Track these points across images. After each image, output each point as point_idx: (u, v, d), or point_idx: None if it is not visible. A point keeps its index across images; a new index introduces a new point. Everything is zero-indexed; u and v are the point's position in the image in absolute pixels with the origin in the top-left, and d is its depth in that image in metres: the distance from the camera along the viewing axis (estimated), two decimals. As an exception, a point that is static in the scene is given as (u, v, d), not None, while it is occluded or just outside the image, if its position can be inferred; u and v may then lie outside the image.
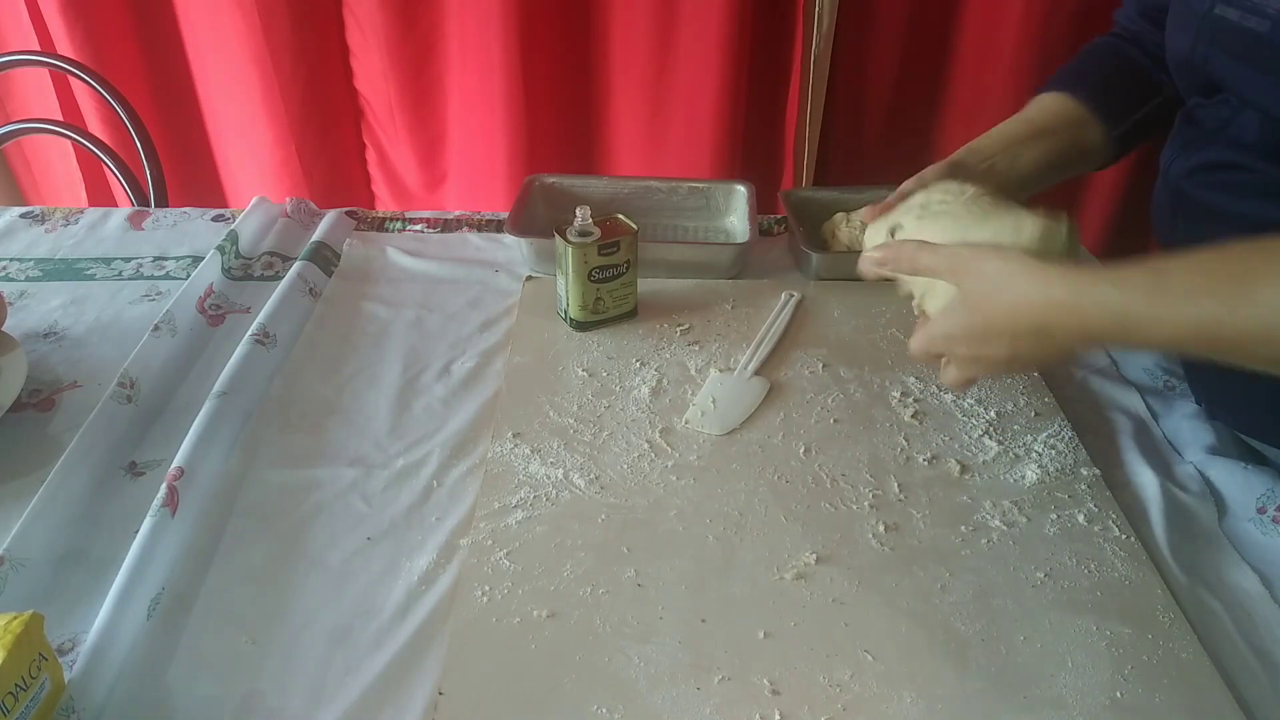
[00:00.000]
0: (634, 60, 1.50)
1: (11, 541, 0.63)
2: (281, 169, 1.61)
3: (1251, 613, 0.63)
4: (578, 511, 0.69)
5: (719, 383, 0.83)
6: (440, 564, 0.66)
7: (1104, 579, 0.64)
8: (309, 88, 1.55)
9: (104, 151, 1.29)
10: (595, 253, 0.85)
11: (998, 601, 0.63)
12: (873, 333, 0.90)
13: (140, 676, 0.58)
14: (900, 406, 0.81)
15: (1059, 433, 0.77)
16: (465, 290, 0.98)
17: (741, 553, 0.66)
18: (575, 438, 0.76)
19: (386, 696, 0.57)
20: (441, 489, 0.72)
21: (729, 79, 1.48)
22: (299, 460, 0.75)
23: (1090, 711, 0.56)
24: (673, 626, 0.60)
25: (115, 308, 0.94)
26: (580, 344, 0.88)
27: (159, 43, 1.53)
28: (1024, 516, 0.69)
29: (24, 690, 0.51)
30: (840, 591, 0.63)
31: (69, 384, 0.83)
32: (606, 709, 0.55)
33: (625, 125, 1.58)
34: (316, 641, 0.60)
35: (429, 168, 1.65)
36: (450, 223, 1.11)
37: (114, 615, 0.58)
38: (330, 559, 0.66)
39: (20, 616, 0.51)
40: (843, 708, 0.55)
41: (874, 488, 0.72)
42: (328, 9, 1.51)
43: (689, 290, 0.96)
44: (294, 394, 0.82)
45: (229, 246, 1.01)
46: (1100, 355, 0.89)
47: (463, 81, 1.53)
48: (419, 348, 0.89)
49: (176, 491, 0.67)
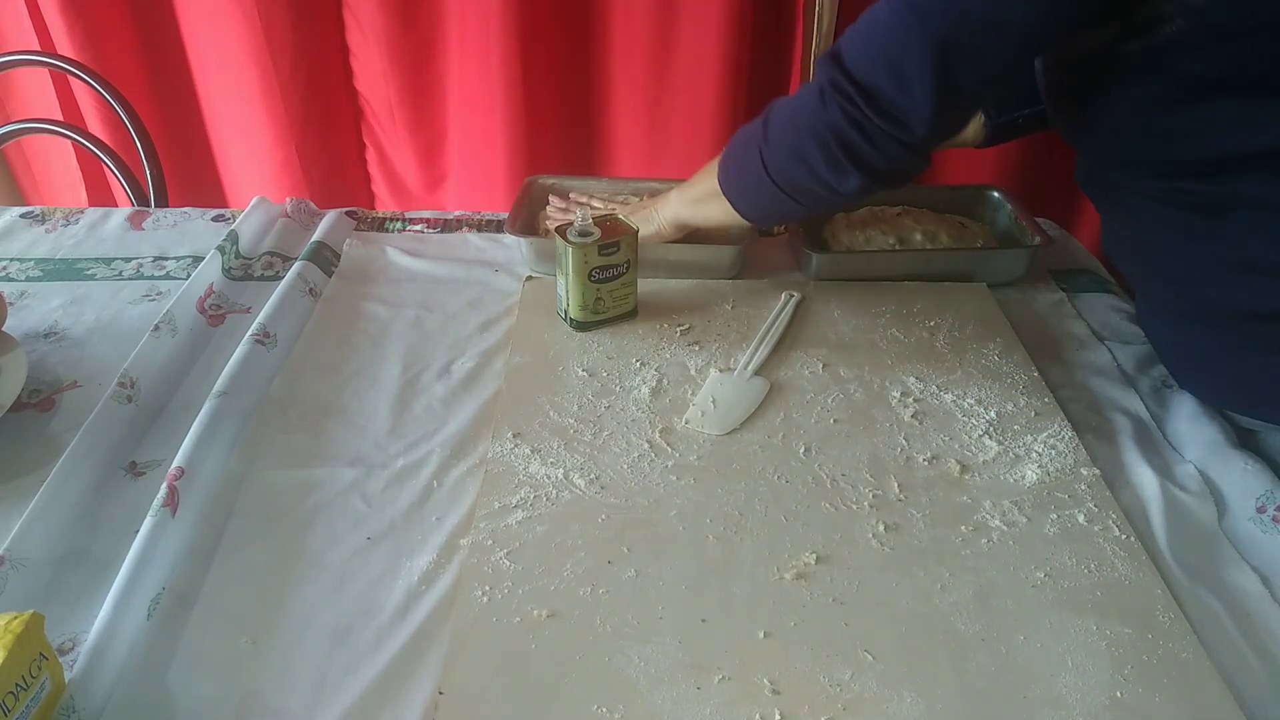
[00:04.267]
0: (634, 60, 1.50)
1: (11, 541, 0.63)
2: (281, 169, 1.61)
3: (1251, 613, 0.63)
4: (578, 511, 0.69)
5: (719, 383, 0.83)
6: (440, 564, 0.66)
7: (1104, 579, 0.64)
8: (309, 88, 1.55)
9: (104, 151, 1.29)
10: (595, 253, 0.85)
11: (998, 601, 0.63)
12: (873, 333, 0.90)
13: (140, 676, 0.58)
14: (900, 406, 0.81)
15: (1059, 433, 0.77)
16: (465, 290, 0.98)
17: (741, 553, 0.66)
18: (575, 438, 0.76)
19: (386, 696, 0.57)
20: (441, 489, 0.72)
21: (729, 79, 1.48)
22: (299, 460, 0.75)
23: (1090, 711, 0.56)
24: (673, 626, 0.60)
25: (115, 308, 0.94)
26: (580, 344, 0.88)
27: (159, 43, 1.53)
28: (1024, 516, 0.69)
29: (24, 690, 0.50)
30: (840, 591, 0.63)
31: (69, 384, 0.83)
32: (606, 709, 0.55)
33: (625, 125, 1.58)
34: (316, 641, 0.60)
35: (429, 168, 1.65)
36: (450, 223, 1.11)
37: (114, 615, 0.58)
38: (330, 559, 0.66)
39: (20, 616, 0.51)
40: (843, 708, 0.55)
41: (874, 488, 0.72)
42: (328, 9, 1.51)
43: (689, 290, 0.96)
44: (294, 394, 0.82)
45: (229, 246, 1.01)
46: (1101, 354, 0.89)
47: (463, 81, 1.53)
48: (419, 348, 0.89)
49: (177, 491, 0.67)
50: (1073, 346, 0.91)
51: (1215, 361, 0.78)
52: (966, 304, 0.94)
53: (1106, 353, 0.89)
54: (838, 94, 0.70)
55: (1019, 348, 0.88)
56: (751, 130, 0.80)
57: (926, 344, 0.89)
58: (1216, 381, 0.79)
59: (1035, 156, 1.57)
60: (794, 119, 0.76)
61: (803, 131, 0.74)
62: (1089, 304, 0.97)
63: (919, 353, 0.88)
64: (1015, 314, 0.94)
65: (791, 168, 0.76)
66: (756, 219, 0.87)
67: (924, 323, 0.92)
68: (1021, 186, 1.54)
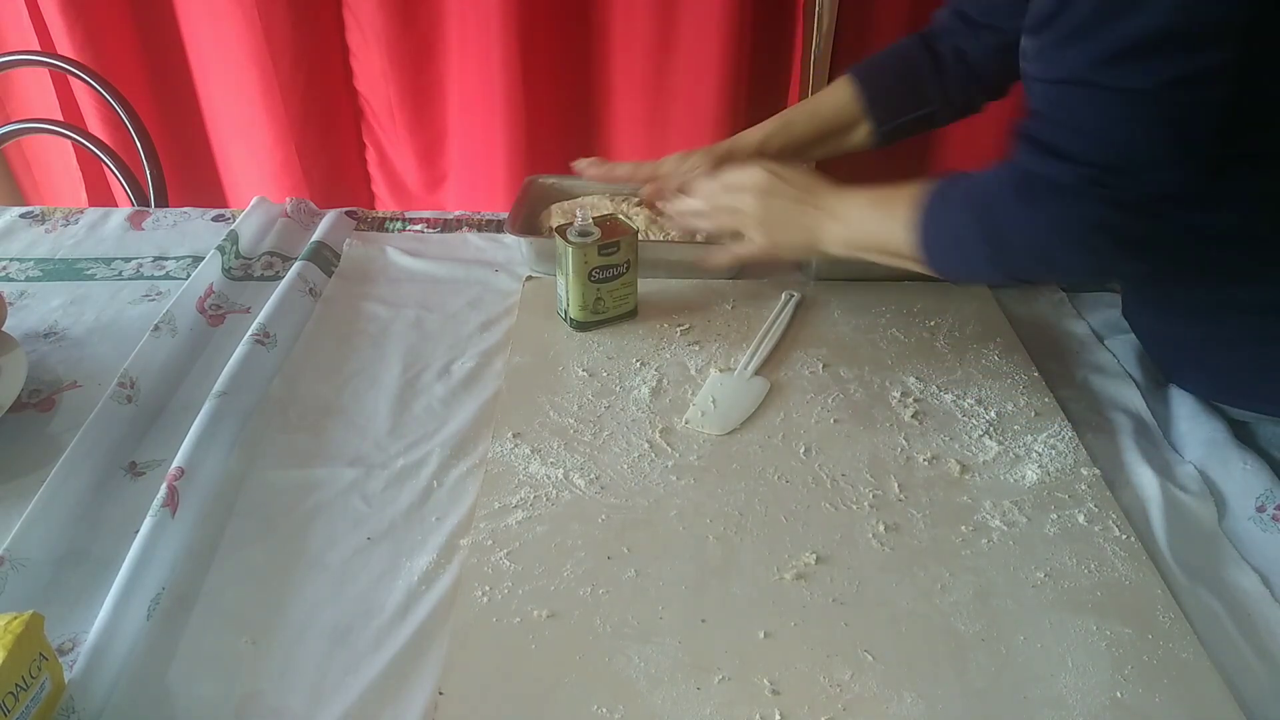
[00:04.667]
0: (634, 60, 1.50)
1: (11, 541, 0.63)
2: (281, 169, 1.61)
3: (1251, 613, 0.63)
4: (578, 511, 0.69)
5: (719, 383, 0.83)
6: (440, 564, 0.66)
7: (1104, 579, 0.64)
8: (309, 88, 1.55)
9: (104, 151, 1.29)
10: (595, 253, 0.85)
11: (998, 601, 0.63)
12: (873, 333, 0.90)
13: (140, 676, 0.58)
14: (900, 406, 0.81)
15: (1059, 433, 0.77)
16: (465, 290, 0.98)
17: (741, 553, 0.66)
18: (575, 438, 0.76)
19: (386, 696, 0.57)
20: (441, 489, 0.72)
21: (729, 79, 1.48)
22: (299, 460, 0.75)
23: (1090, 711, 0.56)
24: (673, 626, 0.60)
25: (115, 308, 0.94)
26: (580, 344, 0.88)
27: (159, 43, 1.53)
28: (1024, 516, 0.69)
29: (24, 690, 0.50)
30: (840, 591, 0.63)
31: (69, 384, 0.83)
32: (606, 709, 0.55)
33: (625, 125, 1.58)
34: (316, 641, 0.60)
35: (429, 168, 1.65)
36: (450, 223, 1.11)
37: (114, 615, 0.58)
38: (330, 559, 0.66)
39: (20, 616, 0.51)
40: (843, 708, 0.55)
41: (874, 488, 0.72)
42: (328, 9, 1.51)
43: (689, 290, 0.96)
44: (294, 394, 0.82)
45: (229, 246, 1.01)
46: (1101, 354, 0.89)
47: (463, 81, 1.53)
48: (419, 348, 0.89)
49: (176, 491, 0.67)
50: (1073, 346, 0.91)
51: (1204, 354, 0.79)
52: (966, 304, 0.94)
53: (1106, 352, 0.89)
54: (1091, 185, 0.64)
55: (1019, 348, 0.88)
56: (964, 228, 0.71)
57: (927, 344, 0.89)
58: (1207, 374, 0.80)
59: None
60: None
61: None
62: (1089, 304, 0.97)
63: (919, 353, 0.88)
64: (1015, 314, 0.94)
65: (1041, 272, 0.73)
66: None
67: (924, 323, 0.92)
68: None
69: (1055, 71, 0.64)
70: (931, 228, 0.72)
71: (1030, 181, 0.66)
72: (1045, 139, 0.65)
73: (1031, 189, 0.66)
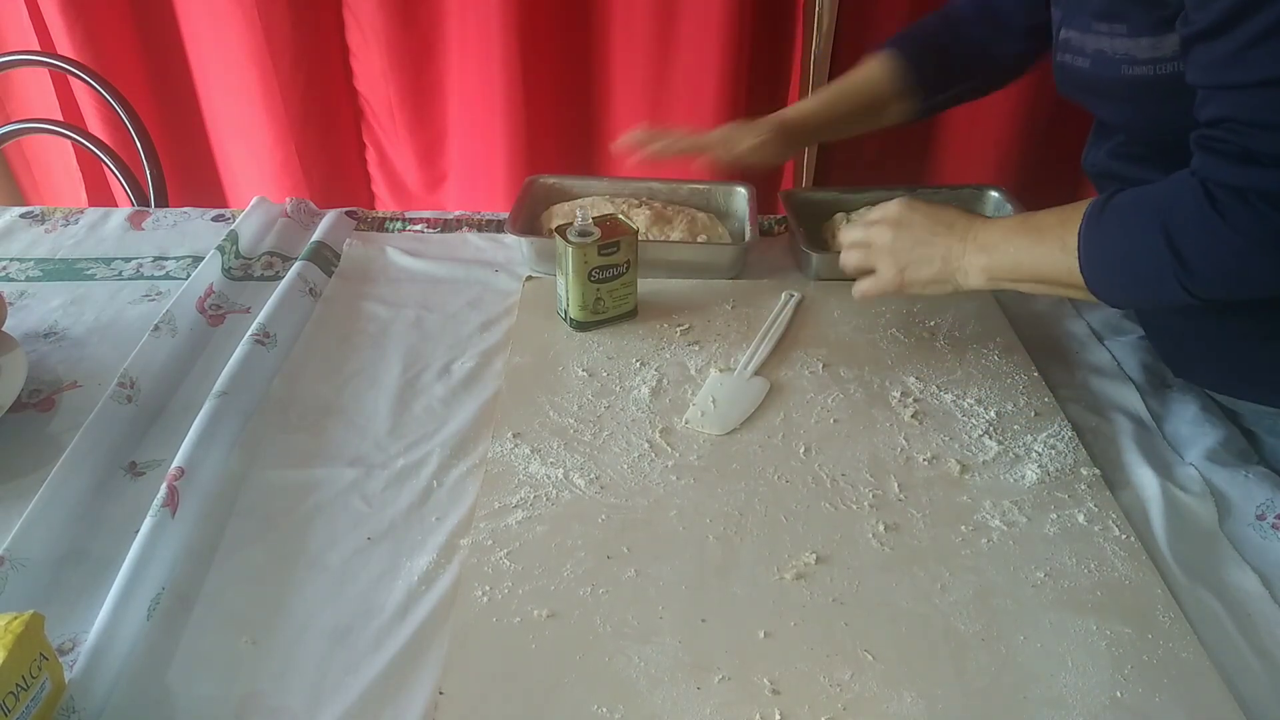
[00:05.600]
0: (634, 60, 1.50)
1: (11, 541, 0.63)
2: (281, 169, 1.61)
3: (1251, 613, 0.63)
4: (578, 511, 0.69)
5: (719, 383, 0.83)
6: (440, 564, 0.66)
7: (1104, 579, 0.64)
8: (309, 88, 1.55)
9: (104, 151, 1.29)
10: (595, 253, 0.85)
11: (998, 601, 0.63)
12: (873, 333, 0.90)
13: (140, 676, 0.58)
14: (900, 406, 0.81)
15: (1059, 433, 0.77)
16: (465, 290, 0.98)
17: (741, 553, 0.66)
18: (575, 438, 0.76)
19: (386, 696, 0.57)
20: (441, 489, 0.72)
21: (729, 79, 1.48)
22: (299, 460, 0.75)
23: (1090, 711, 0.56)
24: (673, 626, 0.60)
25: (115, 308, 0.94)
26: (580, 344, 0.88)
27: (159, 43, 1.53)
28: (1024, 516, 0.69)
29: (24, 690, 0.51)
30: (840, 591, 0.63)
31: (69, 384, 0.83)
32: (606, 709, 0.55)
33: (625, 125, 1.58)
34: (316, 641, 0.60)
35: (429, 168, 1.65)
36: (450, 223, 1.11)
37: (114, 615, 0.58)
38: (330, 559, 0.66)
39: (20, 616, 0.51)
40: (843, 708, 0.55)
41: (874, 488, 0.72)
42: (328, 9, 1.51)
43: (689, 290, 0.96)
44: (294, 394, 0.82)
45: (229, 246, 1.01)
46: (1101, 354, 0.89)
47: (463, 81, 1.53)
48: (419, 348, 0.89)
49: (176, 491, 0.67)
50: (1073, 346, 0.91)
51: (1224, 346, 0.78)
52: (966, 304, 0.94)
53: (1106, 353, 0.89)
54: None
55: (1019, 348, 0.88)
56: (1142, 245, 0.67)
57: (926, 344, 0.89)
58: (1220, 366, 0.79)
59: (1035, 157, 1.57)
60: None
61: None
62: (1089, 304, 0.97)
63: (919, 353, 0.88)
64: (1015, 314, 0.94)
65: (1231, 287, 0.67)
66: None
67: (924, 323, 0.92)
68: (1021, 186, 1.54)
69: (1252, 74, 0.60)
70: (1099, 248, 0.68)
71: (1223, 192, 0.62)
72: (1241, 146, 0.61)
73: (1226, 199, 0.62)
